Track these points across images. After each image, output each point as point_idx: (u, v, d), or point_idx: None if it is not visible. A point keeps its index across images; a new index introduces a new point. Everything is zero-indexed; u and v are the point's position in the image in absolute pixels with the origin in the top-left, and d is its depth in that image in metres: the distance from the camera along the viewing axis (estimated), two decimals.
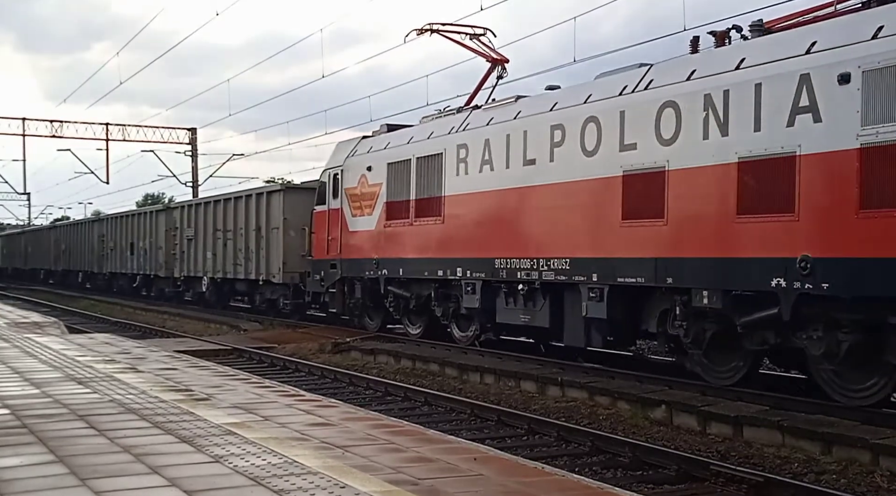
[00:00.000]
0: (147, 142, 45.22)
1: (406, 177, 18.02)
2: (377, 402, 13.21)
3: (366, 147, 20.12)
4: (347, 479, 5.69)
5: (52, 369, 11.59)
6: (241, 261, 27.28)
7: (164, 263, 34.06)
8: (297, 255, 23.89)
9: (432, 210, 17.23)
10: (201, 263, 30.53)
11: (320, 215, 21.67)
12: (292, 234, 24.38)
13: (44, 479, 5.69)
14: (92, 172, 46.75)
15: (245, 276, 27.32)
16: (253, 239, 26.54)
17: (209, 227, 29.93)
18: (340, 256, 20.47)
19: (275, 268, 25.13)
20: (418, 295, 18.16)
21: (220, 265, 28.92)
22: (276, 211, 25.52)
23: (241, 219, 27.49)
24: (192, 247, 31.36)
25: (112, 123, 43.87)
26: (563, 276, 13.81)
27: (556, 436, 10.53)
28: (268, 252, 25.57)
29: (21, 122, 41.92)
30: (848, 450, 9.03)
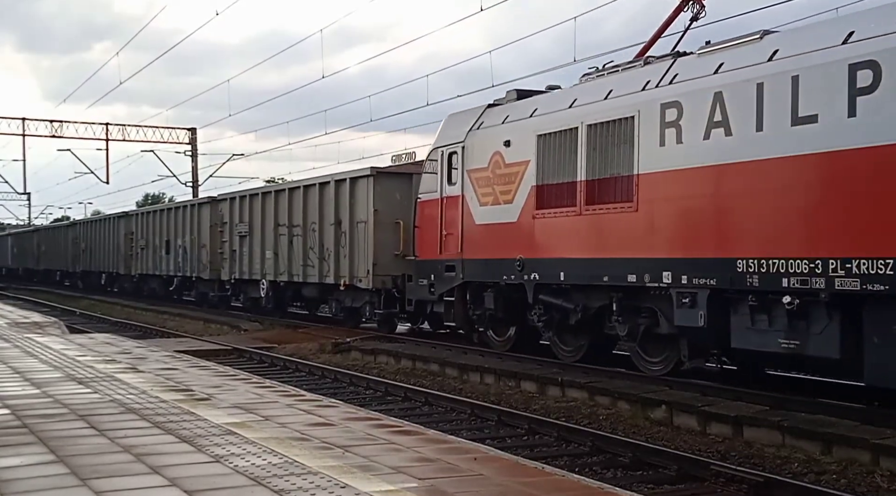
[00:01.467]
0: (147, 142, 45.29)
1: (569, 151, 13.84)
2: (377, 402, 13.21)
3: (497, 116, 16.02)
4: (348, 479, 5.69)
5: (52, 369, 11.60)
6: (314, 261, 23.08)
7: (208, 264, 29.88)
8: (389, 255, 20.09)
9: (616, 194, 13.01)
10: (258, 264, 26.20)
11: (429, 205, 17.67)
12: (384, 229, 20.34)
13: (44, 479, 5.69)
14: (92, 172, 46.81)
15: (320, 280, 22.92)
16: (330, 235, 22.26)
17: (269, 221, 25.57)
18: (462, 256, 16.41)
19: (361, 271, 20.81)
20: (585, 306, 14.00)
21: (284, 266, 24.63)
22: (364, 201, 20.94)
23: (314, 211, 23.10)
24: (245, 245, 27.12)
25: (112, 123, 43.97)
26: (881, 286, 9.53)
27: (557, 436, 10.53)
28: (351, 251, 21.24)
29: (21, 122, 41.96)
30: (848, 450, 9.03)
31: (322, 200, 22.80)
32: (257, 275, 26.31)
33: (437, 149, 17.45)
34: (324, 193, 22.79)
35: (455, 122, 17.30)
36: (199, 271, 30.83)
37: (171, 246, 33.30)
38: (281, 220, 24.86)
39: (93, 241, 44.09)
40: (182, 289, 34.33)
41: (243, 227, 27.19)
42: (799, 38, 11.15)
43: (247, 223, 26.95)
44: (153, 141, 45.32)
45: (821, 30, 11.06)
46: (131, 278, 38.87)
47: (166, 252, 33.78)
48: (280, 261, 24.89)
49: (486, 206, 15.86)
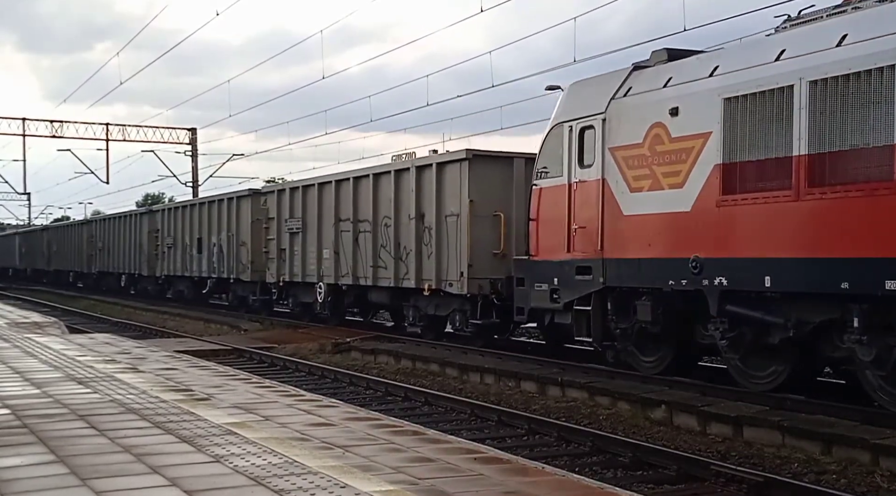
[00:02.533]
0: (147, 142, 45.29)
1: (779, 117, 10.70)
2: (377, 402, 13.21)
3: (653, 80, 12.85)
4: (348, 479, 5.69)
5: (52, 369, 11.60)
6: (387, 262, 19.82)
7: (249, 264, 26.80)
8: (487, 255, 16.97)
9: (863, 172, 9.82)
10: (314, 265, 22.96)
11: (550, 194, 14.31)
12: (481, 223, 17.16)
13: (44, 479, 5.69)
14: (92, 172, 46.79)
15: (395, 284, 19.49)
16: (410, 231, 18.96)
17: (328, 216, 22.33)
18: (602, 255, 13.19)
19: (452, 273, 17.56)
20: (799, 322, 10.81)
21: (348, 268, 21.40)
22: (455, 190, 17.60)
23: (387, 203, 19.86)
24: (297, 243, 23.79)
25: (112, 123, 43.96)
26: None
27: (557, 436, 10.53)
28: (438, 250, 17.98)
29: (21, 122, 41.96)
30: (848, 450, 9.03)
31: (399, 190, 19.40)
32: (312, 277, 23.06)
33: (562, 124, 14.14)
34: (401, 182, 19.40)
35: (586, 90, 14.09)
36: (238, 272, 27.69)
37: (204, 244, 30.13)
38: (343, 214, 21.62)
39: (111, 240, 40.91)
40: (217, 291, 31.42)
41: (295, 223, 23.80)
42: None
43: (299, 218, 23.57)
44: (153, 141, 45.35)
45: None
46: (155, 280, 35.75)
47: (198, 251, 30.49)
48: (342, 262, 21.69)
49: (641, 191, 12.59)
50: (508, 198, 17.20)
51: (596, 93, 13.74)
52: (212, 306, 31.85)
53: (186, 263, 31.95)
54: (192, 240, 31.34)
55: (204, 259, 30.26)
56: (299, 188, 24.05)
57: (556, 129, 14.34)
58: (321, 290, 22.64)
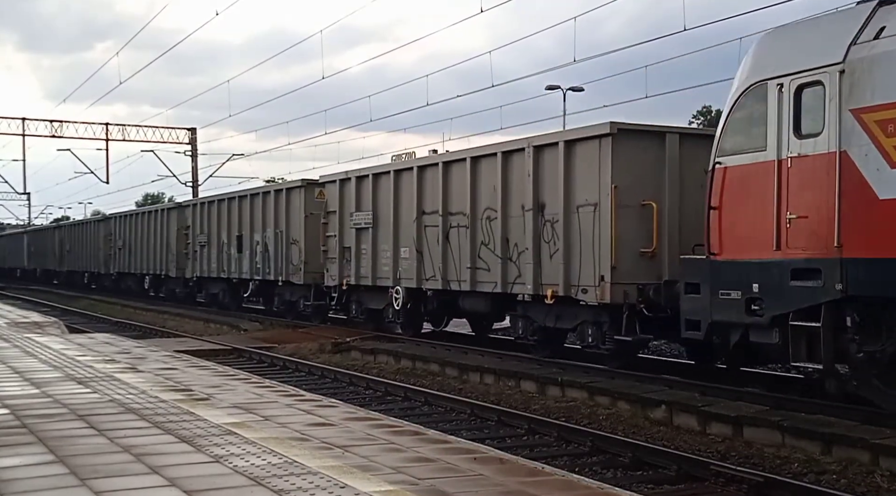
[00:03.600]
0: (147, 142, 45.28)
1: None
2: (377, 402, 13.21)
3: None
4: (347, 479, 5.69)
5: (52, 369, 11.60)
6: (490, 263, 16.25)
7: (301, 265, 23.66)
8: (633, 254, 13.67)
9: None
10: (388, 267, 19.52)
11: (747, 173, 11.17)
12: (627, 215, 13.77)
13: (44, 479, 5.69)
14: (92, 172, 46.78)
15: (501, 289, 15.92)
16: (524, 226, 15.34)
17: (406, 209, 18.88)
18: (840, 254, 9.91)
19: (586, 277, 14.09)
20: None
21: (434, 269, 17.87)
22: (592, 173, 14.05)
23: (490, 193, 16.23)
24: (366, 240, 20.38)
25: (112, 123, 43.96)
26: None
27: (556, 436, 10.52)
28: (567, 248, 14.45)
29: (21, 122, 41.95)
30: (848, 450, 9.03)
31: (508, 176, 15.84)
32: (386, 280, 19.54)
33: (764, 83, 10.97)
34: (511, 166, 15.83)
35: (801, 35, 11.03)
36: (287, 274, 24.49)
37: (246, 242, 26.97)
38: (429, 207, 18.16)
39: (133, 239, 37.67)
40: (258, 295, 28.13)
41: (364, 217, 20.43)
42: None
43: (369, 211, 20.18)
44: (153, 141, 45.34)
45: None
46: (185, 282, 32.49)
47: (238, 250, 27.33)
48: (426, 263, 18.19)
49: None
50: (660, 183, 13.94)
51: (821, 37, 10.57)
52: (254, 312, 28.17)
53: (223, 264, 28.65)
54: (230, 237, 28.06)
55: (245, 259, 27.00)
56: (369, 177, 20.30)
57: (754, 90, 11.09)
58: (399, 296, 18.94)
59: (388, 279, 19.38)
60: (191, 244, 31.20)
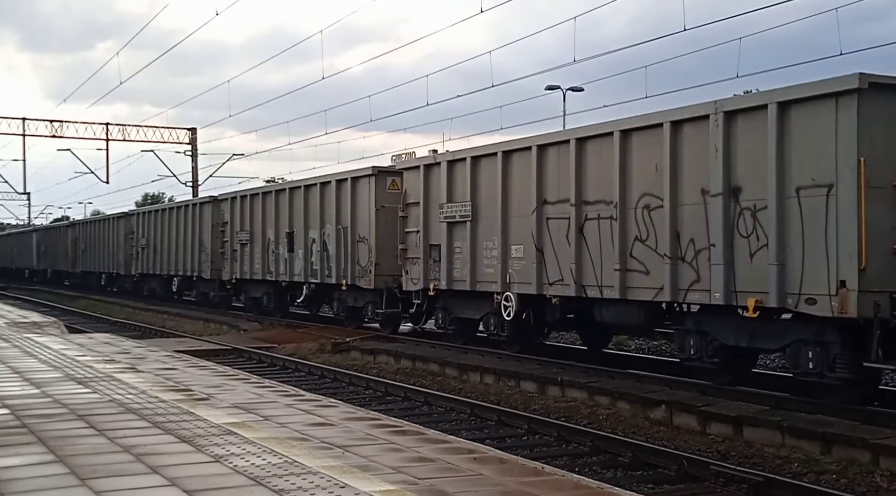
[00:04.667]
0: (147, 142, 45.27)
1: None
2: (377, 402, 13.21)
3: None
4: (347, 479, 5.68)
5: (51, 369, 11.59)
6: (650, 263, 12.95)
7: (371, 266, 20.41)
8: (885, 252, 10.43)
9: None
10: (492, 269, 16.18)
11: None
12: (876, 201, 10.40)
13: (44, 479, 5.69)
14: (92, 172, 46.78)
15: (671, 296, 12.62)
16: (710, 215, 11.99)
17: (520, 198, 15.59)
18: None
19: (813, 283, 10.72)
20: None
21: (563, 272, 14.54)
22: (822, 146, 10.69)
23: (650, 175, 12.93)
24: (461, 237, 17.07)
25: (112, 123, 43.94)
26: None
27: (556, 436, 10.53)
28: (781, 244, 11.08)
29: (21, 122, 41.94)
30: (848, 450, 9.03)
31: (679, 152, 12.49)
32: (491, 284, 16.26)
33: None
34: (682, 139, 12.48)
35: None
36: (353, 277, 21.21)
37: (298, 240, 23.78)
38: (552, 195, 14.87)
39: (157, 237, 34.63)
40: (316, 301, 25.13)
41: (459, 210, 17.11)
42: None
43: (467, 203, 16.83)
44: (153, 141, 45.33)
45: None
46: (220, 284, 29.41)
47: (288, 249, 24.23)
48: (549, 263, 14.96)
49: None
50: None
51: None
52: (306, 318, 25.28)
53: (268, 264, 25.48)
54: (278, 235, 24.89)
55: (297, 259, 23.84)
56: (466, 160, 16.85)
57: None
58: (509, 304, 15.74)
59: (494, 283, 16.06)
60: (229, 243, 28.00)
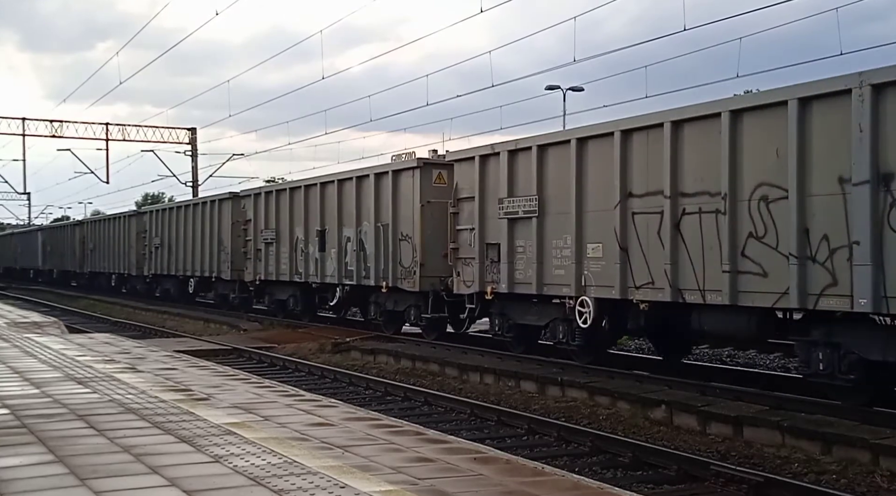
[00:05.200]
0: (147, 142, 45.26)
1: None
2: (377, 402, 13.21)
3: None
4: (347, 479, 5.68)
5: (51, 369, 11.59)
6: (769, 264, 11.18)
7: (415, 267, 18.72)
8: None
9: None
10: (562, 270, 14.43)
11: None
12: None
13: (43, 479, 5.68)
14: (92, 172, 46.77)
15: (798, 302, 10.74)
16: (850, 208, 10.24)
17: (599, 190, 13.79)
18: None
19: None
20: None
21: (655, 274, 12.76)
22: None
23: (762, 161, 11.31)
24: (525, 234, 15.25)
25: (112, 123, 43.93)
26: None
27: (556, 436, 10.53)
28: None
29: (21, 122, 41.94)
30: (848, 450, 9.03)
31: (807, 134, 10.71)
32: (562, 287, 14.48)
33: None
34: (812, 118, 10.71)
35: None
36: (395, 278, 19.35)
37: (331, 239, 22.00)
38: (641, 186, 13.08)
39: (172, 237, 33.02)
40: (350, 303, 23.49)
41: (522, 205, 15.26)
42: None
43: (532, 196, 15.00)
44: (153, 141, 45.32)
45: None
46: (242, 285, 27.64)
47: (320, 249, 22.49)
48: (636, 264, 13.10)
49: None
50: None
51: None
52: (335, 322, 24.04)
53: (296, 265, 23.82)
54: (308, 233, 23.12)
55: (330, 259, 22.06)
56: (531, 149, 15.02)
57: None
58: (585, 310, 13.97)
59: (565, 286, 14.33)
60: (252, 241, 26.31)
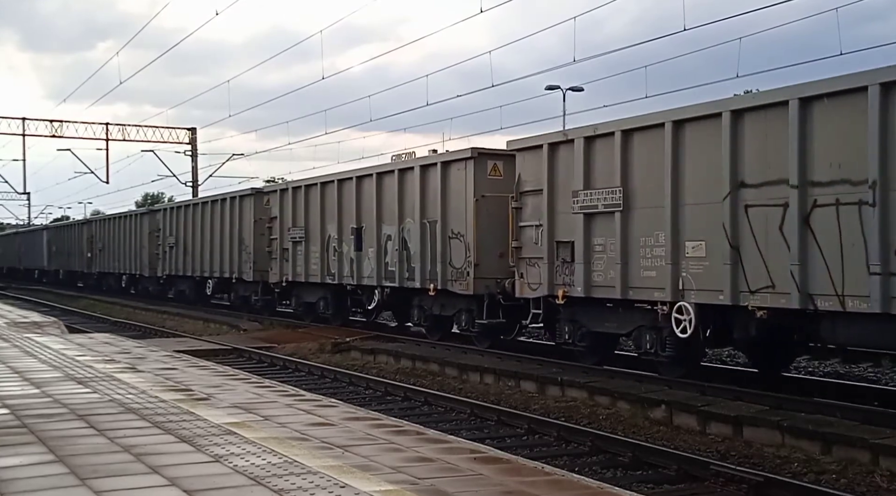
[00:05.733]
0: (147, 141, 45.27)
1: None
2: (377, 402, 13.21)
3: None
4: (347, 479, 5.68)
5: (51, 369, 11.59)
6: None
7: (466, 268, 17.13)
8: None
9: None
10: (653, 272, 12.84)
11: None
12: None
13: (43, 479, 5.68)
14: (92, 172, 46.78)
15: None
16: None
17: (700, 179, 12.26)
18: None
19: None
20: None
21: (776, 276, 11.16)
22: None
23: None
24: (605, 231, 13.68)
25: (112, 123, 43.94)
26: None
27: (556, 436, 10.53)
28: None
29: (21, 122, 41.94)
30: (848, 450, 9.03)
31: None
32: (653, 291, 12.84)
33: None
34: None
35: None
36: (443, 280, 17.77)
37: (369, 237, 20.41)
38: (757, 175, 11.49)
39: (188, 236, 31.57)
40: (390, 307, 21.93)
41: (602, 198, 13.63)
42: None
43: (616, 189, 13.37)
44: (153, 141, 45.33)
45: None
46: (266, 287, 26.17)
47: (356, 248, 20.85)
48: (751, 264, 11.51)
49: None
50: None
51: None
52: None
53: (328, 265, 22.16)
54: (341, 231, 21.57)
55: (367, 259, 20.48)
56: (613, 135, 13.41)
57: None
58: (684, 317, 12.36)
59: (659, 290, 12.65)
60: (277, 240, 24.72)
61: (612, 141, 13.43)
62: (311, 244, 22.94)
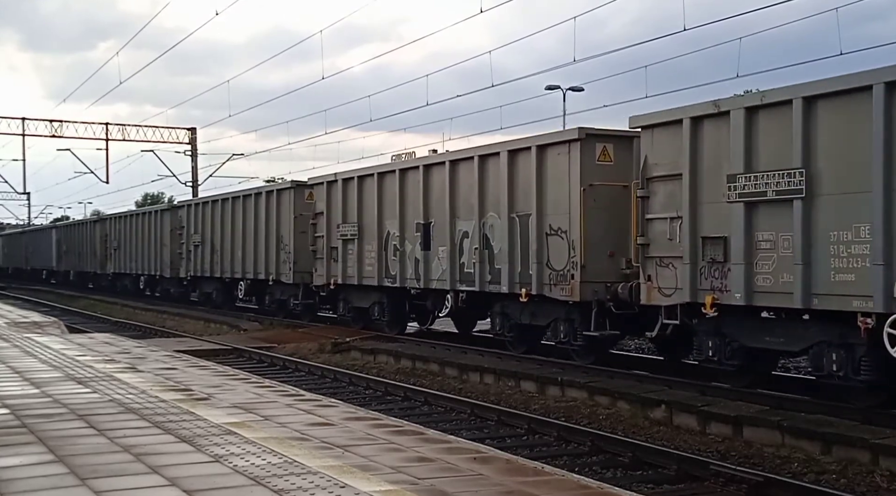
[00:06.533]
0: (147, 141, 45.25)
1: None
2: (377, 402, 13.21)
3: None
4: (347, 479, 5.68)
5: (51, 369, 11.59)
6: None
7: (569, 269, 14.54)
8: None
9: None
10: (855, 272, 10.13)
11: None
12: None
13: (43, 479, 5.69)
14: (92, 172, 46.75)
15: None
16: None
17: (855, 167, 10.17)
18: None
19: None
20: None
21: None
22: None
23: None
24: (780, 223, 11.02)
25: (112, 123, 43.91)
26: None
27: (556, 436, 10.53)
28: None
29: (21, 122, 41.93)
30: (848, 450, 9.03)
31: None
32: (853, 299, 10.21)
33: None
34: None
35: None
36: (538, 284, 15.13)
37: (439, 234, 17.99)
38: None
39: (217, 234, 29.20)
40: (462, 314, 19.00)
41: (769, 183, 11.07)
42: None
43: (792, 172, 10.79)
44: (153, 141, 45.30)
45: None
46: (308, 291, 23.88)
47: (423, 247, 18.40)
48: None
49: None
50: None
51: None
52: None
53: (387, 266, 19.74)
54: (403, 227, 19.11)
55: (438, 260, 18.03)
56: (789, 104, 10.87)
57: None
58: None
59: (862, 299, 10.06)
60: (323, 239, 22.20)
61: (787, 111, 10.80)
62: (365, 242, 20.45)
